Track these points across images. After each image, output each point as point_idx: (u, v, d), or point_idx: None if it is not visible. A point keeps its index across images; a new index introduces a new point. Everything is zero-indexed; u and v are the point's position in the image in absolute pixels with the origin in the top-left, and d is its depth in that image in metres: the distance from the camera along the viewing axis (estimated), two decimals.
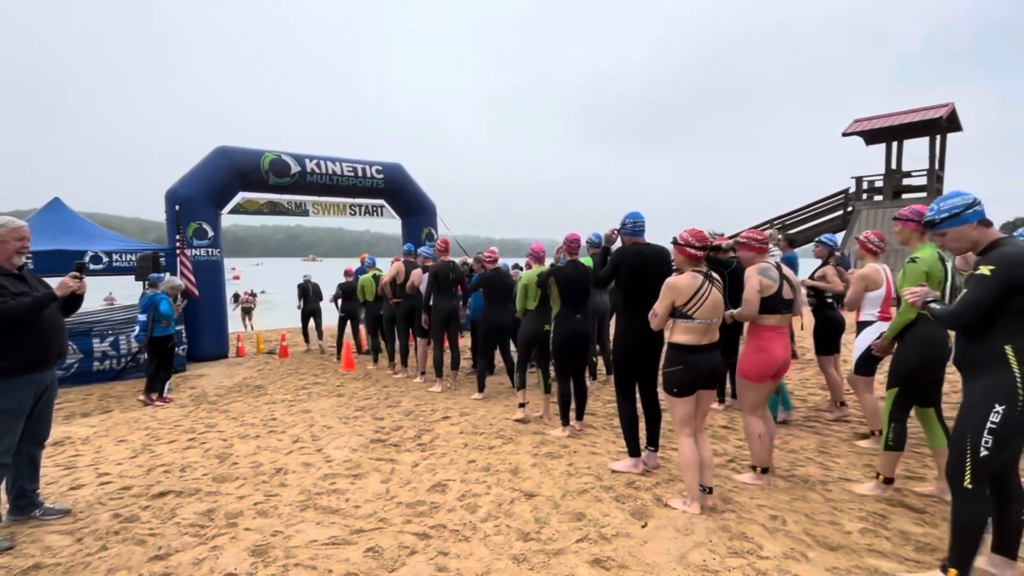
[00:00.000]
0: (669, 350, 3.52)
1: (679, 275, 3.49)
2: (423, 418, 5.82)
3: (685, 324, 3.44)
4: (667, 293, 3.45)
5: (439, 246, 7.23)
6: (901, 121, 17.30)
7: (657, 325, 3.55)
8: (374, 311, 8.79)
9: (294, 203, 11.50)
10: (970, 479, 2.45)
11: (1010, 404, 2.37)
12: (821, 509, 3.51)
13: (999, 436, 2.39)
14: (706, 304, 3.40)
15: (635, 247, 4.13)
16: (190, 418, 6.13)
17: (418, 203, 12.61)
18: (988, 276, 2.38)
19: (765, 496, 3.71)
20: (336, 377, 8.31)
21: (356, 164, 11.62)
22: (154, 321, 6.75)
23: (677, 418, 3.53)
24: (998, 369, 2.40)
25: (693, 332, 3.43)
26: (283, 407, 6.50)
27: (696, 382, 3.45)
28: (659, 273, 3.92)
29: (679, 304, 3.41)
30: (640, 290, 4.01)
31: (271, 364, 9.65)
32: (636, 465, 4.17)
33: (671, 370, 3.47)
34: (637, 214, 4.21)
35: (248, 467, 4.48)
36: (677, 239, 3.52)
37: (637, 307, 3.99)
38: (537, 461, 4.43)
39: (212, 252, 9.92)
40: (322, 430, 5.49)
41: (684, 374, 3.43)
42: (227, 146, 10.31)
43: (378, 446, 4.94)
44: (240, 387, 7.78)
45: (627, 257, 4.05)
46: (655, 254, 4.12)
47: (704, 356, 3.45)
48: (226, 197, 10.24)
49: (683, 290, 3.41)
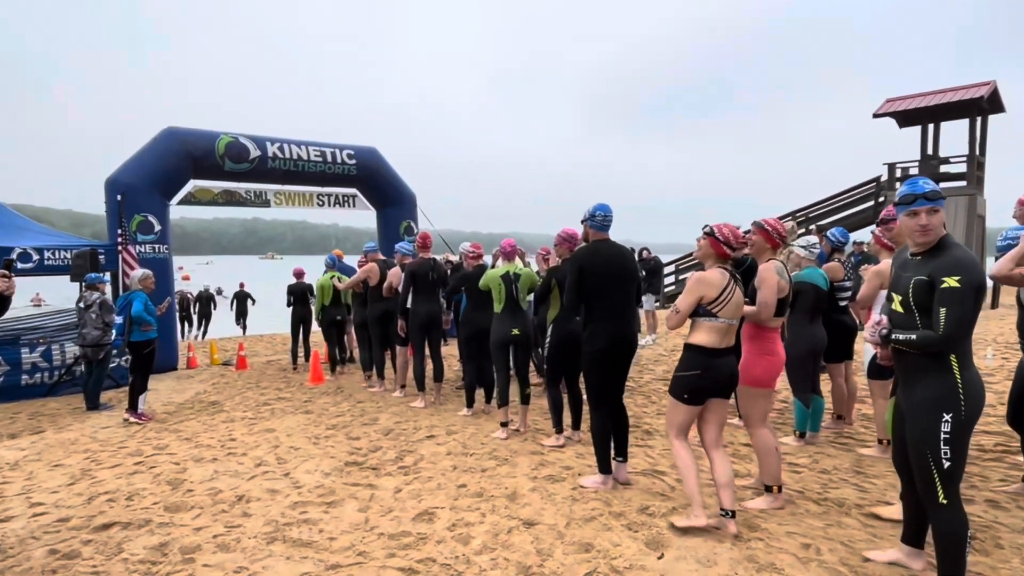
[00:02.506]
0: (686, 352, 3.58)
1: (707, 271, 3.58)
2: (405, 437, 5.80)
3: (709, 323, 3.50)
4: (696, 287, 3.51)
5: (419, 241, 7.23)
6: (938, 101, 17.51)
7: (675, 324, 3.62)
8: (330, 316, 9.06)
9: (253, 192, 11.41)
10: (943, 493, 2.64)
11: (956, 411, 2.60)
12: (859, 536, 3.53)
13: (955, 444, 2.61)
14: (731, 303, 3.50)
15: (594, 246, 4.37)
16: (136, 439, 6.06)
17: (396, 192, 12.57)
18: (960, 288, 2.53)
19: (795, 522, 3.73)
20: (303, 391, 8.27)
21: (324, 148, 11.57)
22: (131, 324, 6.70)
23: (674, 424, 3.60)
24: (940, 376, 2.62)
25: (716, 333, 3.50)
26: (243, 426, 6.45)
27: (710, 389, 3.53)
28: (621, 274, 4.26)
29: (706, 300, 3.48)
30: (604, 291, 4.23)
31: (227, 377, 9.58)
32: (606, 481, 4.34)
33: (687, 374, 3.53)
34: (606, 206, 4.41)
35: (205, 494, 4.44)
36: (714, 232, 3.58)
37: (604, 310, 4.23)
38: (537, 485, 4.42)
39: (160, 249, 9.83)
40: (289, 452, 5.45)
41: (701, 380, 3.49)
42: (177, 127, 10.23)
43: (354, 469, 4.91)
44: (193, 403, 7.71)
45: (586, 259, 4.29)
46: (617, 253, 4.35)
47: (724, 361, 3.52)
48: (175, 185, 10.16)
49: (713, 285, 3.49)
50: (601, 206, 4.40)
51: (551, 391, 5.38)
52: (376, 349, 8.15)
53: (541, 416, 6.42)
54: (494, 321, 5.84)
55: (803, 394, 5.12)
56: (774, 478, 3.93)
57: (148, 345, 6.87)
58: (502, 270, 5.82)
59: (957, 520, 2.64)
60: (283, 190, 11.70)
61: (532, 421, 6.22)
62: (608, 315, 4.24)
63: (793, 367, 5.09)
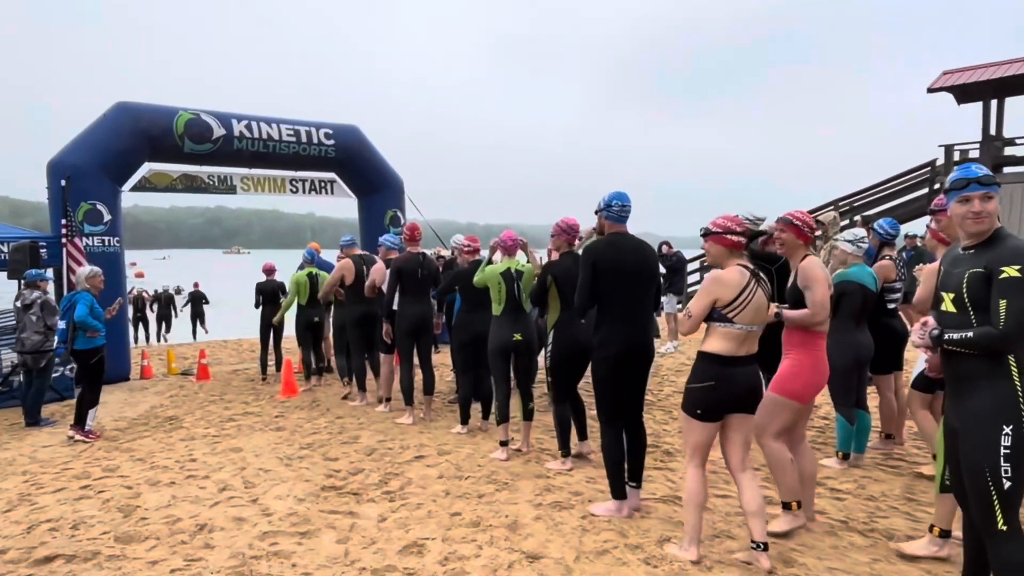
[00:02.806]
0: (699, 361, 3.61)
1: (724, 269, 3.59)
2: (390, 458, 5.81)
3: (723, 329, 3.53)
4: (709, 288, 3.54)
5: (406, 233, 7.23)
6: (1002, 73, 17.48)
7: (689, 329, 3.68)
8: (305, 317, 9.07)
9: (217, 177, 11.41)
10: (1003, 519, 2.62)
11: (1017, 422, 2.58)
12: (911, 573, 3.54)
13: (1017, 461, 2.58)
14: (750, 306, 3.50)
15: (610, 239, 4.40)
16: (82, 459, 6.07)
17: (380, 177, 12.59)
18: (1023, 278, 2.56)
19: (838, 556, 3.73)
20: (273, 405, 8.28)
21: (299, 126, 11.59)
22: (75, 329, 6.69)
23: (690, 444, 3.64)
24: (998, 383, 2.61)
25: (731, 340, 3.52)
26: (205, 444, 6.46)
27: (727, 403, 3.55)
28: (640, 272, 4.31)
29: (722, 303, 3.50)
30: (619, 291, 4.25)
31: (187, 388, 9.60)
32: (620, 508, 4.36)
33: (699, 386, 3.56)
34: (623, 195, 4.45)
35: (161, 523, 4.44)
36: (710, 228, 3.65)
37: (619, 313, 4.26)
38: (542, 513, 4.43)
39: (110, 241, 9.84)
40: (257, 474, 5.46)
41: (715, 392, 3.51)
42: (129, 102, 10.23)
43: (332, 495, 4.92)
44: (147, 418, 7.72)
45: (601, 253, 4.31)
46: (635, 248, 4.38)
47: (741, 370, 3.53)
48: (128, 169, 10.16)
49: (730, 286, 3.50)
50: (618, 194, 4.43)
51: (558, 408, 5.38)
52: (356, 356, 8.17)
53: (546, 434, 6.43)
54: (492, 325, 5.84)
55: (847, 409, 5.13)
56: (792, 493, 3.96)
57: (95, 354, 6.86)
58: (502, 266, 5.83)
59: (1021, 551, 2.61)
60: (251, 174, 11.70)
61: (536, 440, 6.22)
62: (623, 318, 4.26)
63: (836, 379, 5.08)
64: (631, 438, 4.47)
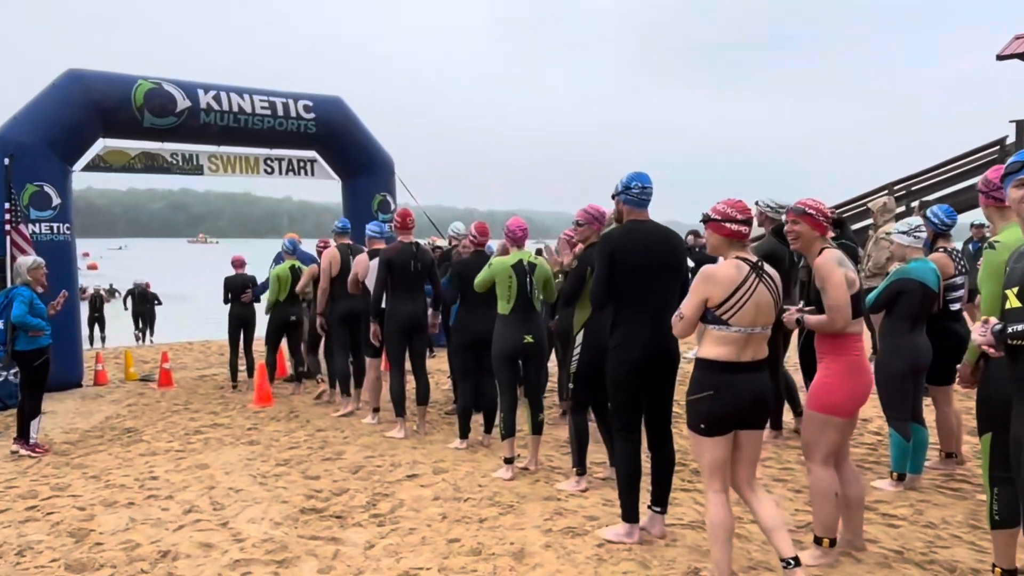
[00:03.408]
0: (696, 369, 3.65)
1: (717, 263, 3.63)
2: (379, 477, 5.82)
3: (717, 332, 3.56)
4: (699, 287, 3.57)
5: (397, 220, 7.24)
6: None
7: (681, 332, 3.72)
8: (281, 316, 9.12)
9: (181, 156, 11.42)
10: None
11: None
12: None
13: None
14: (748, 306, 3.51)
15: (629, 227, 4.41)
16: (28, 476, 6.10)
17: (367, 156, 12.60)
18: None
19: None
20: (245, 416, 8.31)
21: (275, 98, 11.59)
22: (15, 329, 6.70)
23: (704, 466, 3.68)
24: None
25: (729, 344, 3.54)
26: (168, 460, 6.48)
27: (731, 415, 3.56)
28: (664, 264, 4.30)
29: (713, 303, 3.53)
30: (640, 286, 4.25)
31: (147, 396, 9.63)
32: (631, 533, 4.37)
33: (697, 397, 3.60)
34: (644, 176, 4.46)
35: (118, 549, 4.46)
36: (709, 215, 3.67)
37: (639, 311, 4.26)
38: (552, 540, 4.44)
39: (59, 228, 9.85)
40: (227, 495, 5.48)
41: (715, 403, 3.54)
42: (82, 69, 10.24)
43: (313, 518, 4.93)
44: (102, 430, 7.75)
45: (620, 243, 4.31)
46: (659, 237, 4.38)
47: (745, 378, 3.56)
48: (80, 146, 10.19)
49: (722, 283, 3.52)
50: (638, 175, 4.44)
51: (576, 419, 5.35)
52: (338, 358, 8.25)
53: (557, 450, 6.44)
54: (498, 325, 5.84)
55: (901, 424, 5.11)
56: (827, 529, 3.96)
57: (39, 355, 6.84)
58: (512, 258, 5.83)
59: None
60: (220, 153, 11.70)
61: (546, 456, 6.23)
62: (644, 317, 4.26)
63: (890, 388, 5.06)
64: (656, 456, 4.48)
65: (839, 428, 3.91)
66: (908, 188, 19.04)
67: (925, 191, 19.03)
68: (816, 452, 3.92)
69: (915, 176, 19.29)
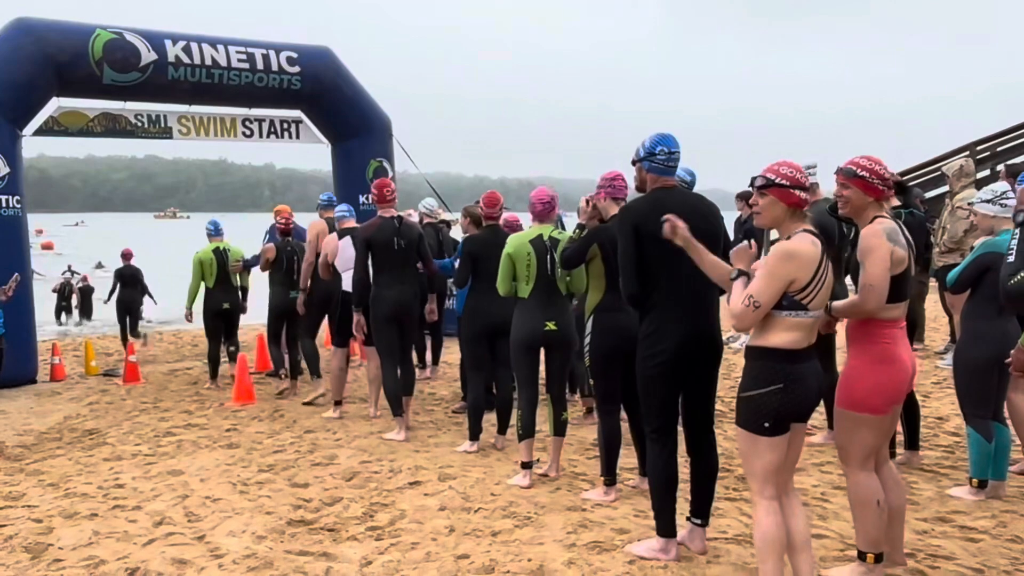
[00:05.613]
0: (757, 360, 3.61)
1: (793, 239, 3.53)
2: (376, 484, 5.85)
3: (793, 319, 3.51)
4: (780, 268, 3.47)
5: (374, 193, 7.26)
6: None
7: (752, 322, 3.59)
8: (213, 304, 9.50)
9: (147, 117, 11.45)
10: None
11: None
12: None
13: None
14: (825, 287, 3.54)
15: (654, 196, 4.31)
16: None
17: (360, 115, 12.60)
18: None
19: None
20: (223, 415, 8.35)
21: (254, 48, 11.59)
22: None
23: (756, 470, 3.62)
24: None
25: (800, 330, 3.54)
26: (135, 466, 6.52)
27: (797, 410, 3.58)
28: (703, 232, 4.05)
29: (797, 287, 3.48)
30: (671, 266, 4.12)
31: (111, 393, 9.69)
32: (668, 549, 4.33)
33: (763, 392, 3.53)
34: (670, 139, 4.37)
35: (80, 566, 4.49)
36: (772, 179, 3.56)
37: (672, 295, 4.18)
38: (576, 556, 4.44)
39: (8, 202, 9.88)
40: (204, 505, 5.51)
41: (785, 396, 3.51)
42: (32, 18, 10.28)
43: (301, 531, 4.96)
44: (61, 432, 7.80)
45: (645, 215, 4.18)
46: (692, 208, 4.25)
47: (810, 366, 3.60)
48: (30, 107, 10.22)
49: (808, 263, 3.48)
50: (663, 138, 4.35)
51: (606, 420, 5.30)
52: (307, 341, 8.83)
53: (581, 454, 6.44)
54: (517, 310, 5.82)
55: (982, 422, 5.08)
56: (870, 542, 3.92)
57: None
58: (531, 233, 5.81)
59: None
60: (191, 113, 11.72)
61: (568, 461, 6.23)
62: (678, 302, 4.19)
63: (970, 381, 5.02)
64: (696, 461, 4.46)
65: (872, 426, 3.85)
66: (992, 149, 18.82)
67: (1009, 153, 18.79)
68: (851, 455, 3.90)
69: (997, 136, 19.06)
